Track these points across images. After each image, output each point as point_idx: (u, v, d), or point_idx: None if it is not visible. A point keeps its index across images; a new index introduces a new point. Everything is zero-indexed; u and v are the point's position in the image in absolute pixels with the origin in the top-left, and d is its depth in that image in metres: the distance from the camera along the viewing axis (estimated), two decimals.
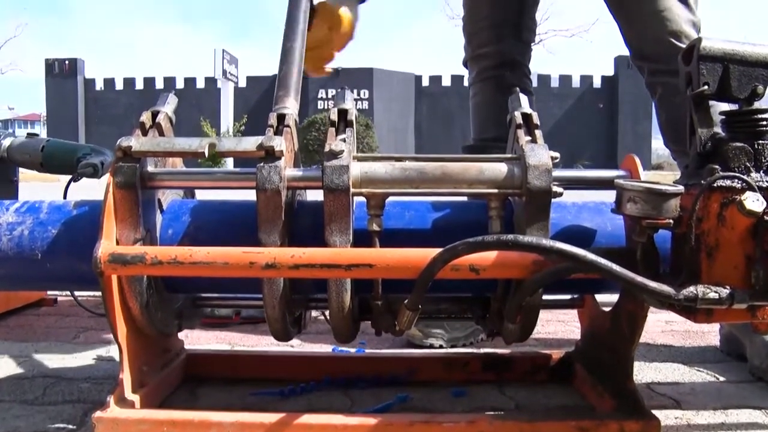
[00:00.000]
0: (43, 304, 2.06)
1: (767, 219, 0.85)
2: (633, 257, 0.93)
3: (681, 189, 0.87)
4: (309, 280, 1.04)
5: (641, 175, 1.00)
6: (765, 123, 0.92)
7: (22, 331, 1.76)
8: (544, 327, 1.81)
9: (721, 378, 1.37)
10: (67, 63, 25.38)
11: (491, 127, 1.74)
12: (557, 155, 0.97)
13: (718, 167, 0.89)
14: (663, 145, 1.60)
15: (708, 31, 1.50)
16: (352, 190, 0.95)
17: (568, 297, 1.24)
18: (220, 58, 22.45)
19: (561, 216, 1.08)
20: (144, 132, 1.03)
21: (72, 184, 1.58)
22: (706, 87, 0.94)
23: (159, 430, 0.98)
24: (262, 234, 0.97)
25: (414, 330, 1.56)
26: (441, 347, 1.58)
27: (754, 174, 0.90)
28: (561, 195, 0.96)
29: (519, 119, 1.05)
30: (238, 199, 1.14)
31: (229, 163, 15.18)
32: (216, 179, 1.07)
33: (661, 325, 1.81)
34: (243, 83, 25.23)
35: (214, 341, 1.68)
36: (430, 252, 0.90)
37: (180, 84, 25.49)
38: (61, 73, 25.24)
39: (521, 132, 1.02)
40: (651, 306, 0.96)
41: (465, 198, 1.10)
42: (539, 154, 0.96)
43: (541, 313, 1.05)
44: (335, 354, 1.47)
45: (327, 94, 22.97)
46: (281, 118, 1.06)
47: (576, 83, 26.01)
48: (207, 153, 0.97)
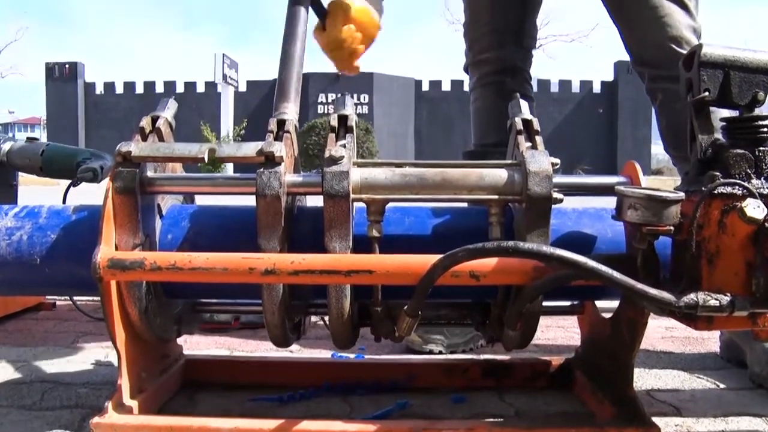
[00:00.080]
0: (42, 308, 2.05)
1: None
2: (633, 264, 0.93)
3: (682, 196, 0.87)
4: (308, 285, 1.04)
5: (642, 182, 1.00)
6: (766, 130, 0.92)
7: (20, 336, 1.76)
8: (544, 333, 1.81)
9: (722, 385, 1.37)
10: (68, 67, 25.40)
11: (492, 133, 1.74)
12: (558, 161, 0.97)
13: (718, 174, 0.88)
14: (663, 151, 1.60)
15: (708, 38, 1.50)
16: (352, 195, 0.95)
17: (568, 303, 1.23)
18: (220, 62, 22.50)
19: (561, 222, 1.08)
20: (144, 137, 1.03)
21: (71, 188, 1.58)
22: (706, 93, 0.94)
23: None
24: (261, 240, 0.97)
25: (413, 336, 1.55)
26: (440, 353, 1.57)
27: (754, 181, 0.90)
28: (561, 201, 0.96)
29: (519, 125, 1.05)
30: (237, 205, 1.13)
31: (229, 169, 15.19)
32: (216, 184, 1.07)
33: (661, 332, 1.81)
34: (243, 87, 25.26)
35: (213, 346, 1.67)
36: (430, 258, 0.90)
37: (180, 88, 25.51)
38: (62, 77, 25.25)
39: (522, 138, 1.02)
40: (651, 313, 0.96)
41: (465, 204, 1.10)
42: (540, 160, 0.96)
43: (541, 319, 1.05)
44: (334, 360, 1.47)
45: (327, 98, 22.99)
46: (281, 123, 1.06)
47: (576, 88, 26.04)
48: (207, 158, 0.97)
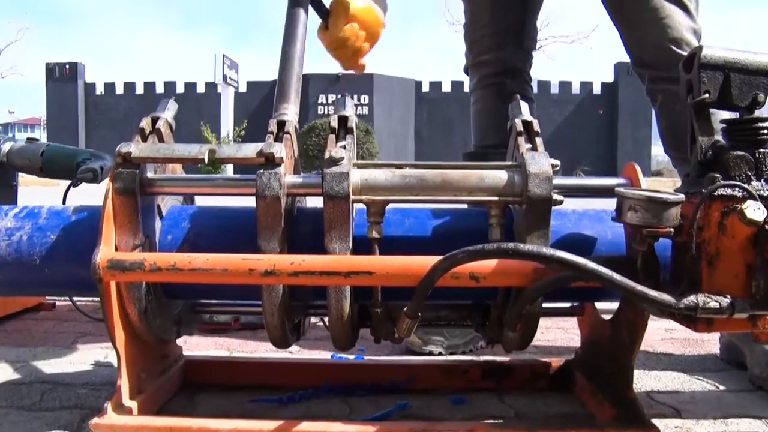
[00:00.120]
0: (42, 308, 2.05)
1: None
2: (633, 266, 0.93)
3: (682, 197, 0.87)
4: (308, 287, 1.04)
5: (642, 184, 1.00)
6: (766, 132, 0.92)
7: (20, 336, 1.75)
8: (543, 334, 1.81)
9: (721, 387, 1.37)
10: (68, 67, 25.39)
11: (492, 134, 1.74)
12: (558, 163, 0.97)
13: (718, 176, 0.89)
14: (663, 152, 1.60)
15: (708, 39, 1.50)
16: (352, 197, 0.95)
17: (568, 305, 1.23)
18: (220, 63, 22.49)
19: (561, 224, 1.08)
20: (144, 138, 1.03)
21: (71, 189, 1.58)
22: (707, 95, 0.94)
23: None
24: (261, 241, 0.97)
25: (413, 337, 1.55)
26: (440, 354, 1.57)
27: (755, 183, 0.90)
28: (561, 203, 0.96)
29: (519, 127, 1.05)
30: (237, 206, 1.13)
31: (229, 170, 15.19)
32: (216, 185, 1.07)
33: (661, 333, 1.81)
34: (243, 88, 25.24)
35: (212, 347, 1.67)
36: (429, 260, 0.90)
37: (180, 89, 25.49)
38: (62, 78, 25.23)
39: (522, 139, 1.02)
40: (651, 314, 0.96)
41: (465, 205, 1.10)
42: (540, 162, 0.96)
43: (541, 321, 1.05)
44: (334, 361, 1.47)
45: (327, 99, 22.98)
46: (281, 124, 1.06)
47: (576, 89, 26.03)
48: (207, 159, 0.97)
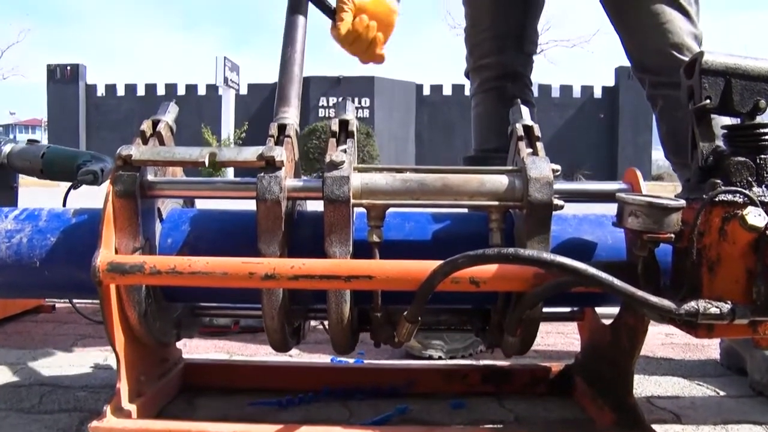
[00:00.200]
0: (41, 310, 2.05)
1: None
2: (634, 271, 0.92)
3: (683, 203, 0.87)
4: (308, 290, 1.04)
5: (642, 189, 1.00)
6: (767, 138, 0.92)
7: (19, 338, 1.75)
8: (543, 339, 1.80)
9: (722, 392, 1.37)
10: (69, 69, 25.38)
11: (492, 138, 1.74)
12: (558, 168, 0.96)
13: (719, 181, 0.89)
14: (663, 156, 1.60)
15: (709, 43, 1.50)
16: (352, 201, 0.95)
17: (568, 310, 1.23)
18: (221, 65, 22.49)
19: (562, 229, 1.08)
20: (144, 141, 1.03)
21: (72, 191, 1.58)
22: (708, 101, 0.94)
23: None
24: (261, 244, 0.97)
25: (413, 341, 1.55)
26: (440, 359, 1.57)
27: (756, 189, 0.90)
28: (562, 208, 0.96)
29: (520, 131, 1.05)
30: (237, 209, 1.13)
31: (230, 173, 15.17)
32: (216, 189, 1.07)
33: (661, 338, 1.80)
34: (244, 90, 25.24)
35: (212, 350, 1.67)
36: (430, 264, 0.90)
37: (181, 91, 25.49)
38: (63, 79, 25.23)
39: (522, 144, 1.02)
40: (652, 320, 0.96)
41: (465, 210, 1.10)
42: (540, 166, 0.96)
43: (541, 325, 1.05)
44: (334, 365, 1.47)
45: (328, 101, 22.98)
46: (282, 128, 1.06)
47: (577, 93, 26.02)
48: (207, 162, 0.97)
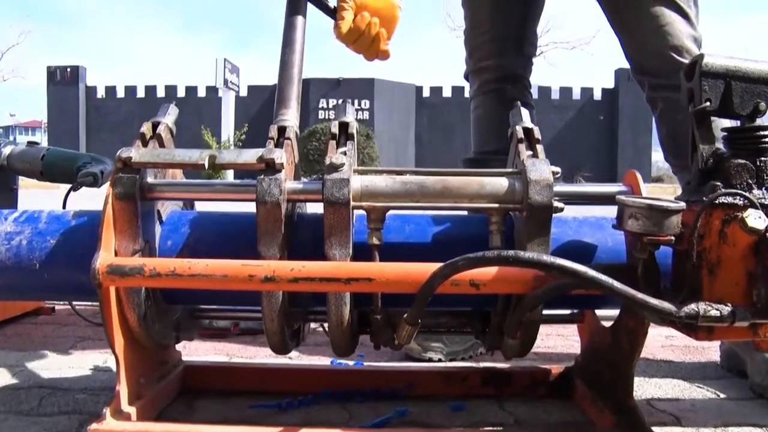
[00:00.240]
0: (41, 313, 2.05)
1: None
2: (634, 273, 0.92)
3: (683, 205, 0.87)
4: (308, 293, 1.04)
5: (642, 191, 1.00)
6: (767, 140, 0.92)
7: (19, 340, 1.75)
8: (543, 341, 1.80)
9: (722, 395, 1.36)
10: (69, 70, 25.39)
11: (492, 140, 1.74)
12: (558, 170, 0.96)
13: (719, 184, 0.88)
14: (663, 159, 1.60)
15: (708, 45, 1.50)
16: (352, 203, 0.95)
17: (568, 312, 1.23)
18: (221, 67, 22.49)
19: (562, 231, 1.08)
20: (144, 143, 1.03)
21: (72, 193, 1.58)
22: (708, 103, 0.94)
23: None
24: (261, 246, 0.96)
25: (413, 343, 1.55)
26: (440, 361, 1.57)
27: (756, 191, 0.90)
28: (562, 210, 0.96)
29: (520, 133, 1.05)
30: (237, 211, 1.13)
31: (230, 175, 15.17)
32: (216, 191, 1.07)
33: (661, 340, 1.80)
34: (244, 92, 25.23)
35: (212, 352, 1.67)
36: (430, 267, 0.89)
37: (181, 92, 25.49)
38: (63, 81, 25.24)
39: (522, 146, 1.02)
40: (652, 322, 0.96)
41: (465, 212, 1.10)
42: (540, 169, 0.96)
43: (541, 328, 1.05)
44: (334, 367, 1.46)
45: (328, 103, 22.99)
46: (282, 130, 1.06)
47: (576, 95, 26.02)
48: (207, 165, 0.97)
